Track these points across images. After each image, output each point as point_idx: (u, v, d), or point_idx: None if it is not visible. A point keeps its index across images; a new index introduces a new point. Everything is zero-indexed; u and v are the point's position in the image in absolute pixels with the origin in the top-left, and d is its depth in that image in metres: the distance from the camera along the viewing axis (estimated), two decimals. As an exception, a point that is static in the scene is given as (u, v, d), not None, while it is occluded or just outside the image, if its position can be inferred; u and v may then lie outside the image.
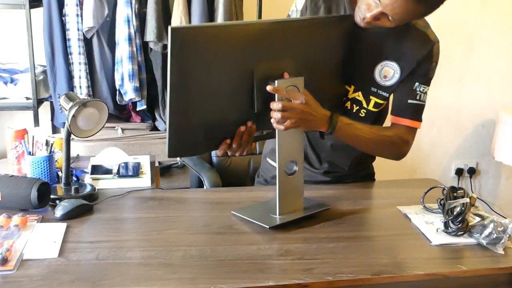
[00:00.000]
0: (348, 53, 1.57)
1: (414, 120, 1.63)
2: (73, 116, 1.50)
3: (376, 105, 1.65)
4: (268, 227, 1.39)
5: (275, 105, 1.36)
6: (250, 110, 1.39)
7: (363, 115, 1.66)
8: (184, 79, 1.28)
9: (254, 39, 1.36)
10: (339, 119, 1.48)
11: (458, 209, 1.38)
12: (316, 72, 1.50)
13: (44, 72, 2.63)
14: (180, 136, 1.35)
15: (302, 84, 1.38)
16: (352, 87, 1.65)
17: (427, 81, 1.62)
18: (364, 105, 1.65)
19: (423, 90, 1.61)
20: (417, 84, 1.60)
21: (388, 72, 1.61)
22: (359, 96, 1.65)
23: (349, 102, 1.66)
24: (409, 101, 1.61)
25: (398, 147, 1.66)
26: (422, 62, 1.59)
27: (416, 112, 1.63)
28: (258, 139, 1.51)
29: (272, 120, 1.37)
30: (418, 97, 1.61)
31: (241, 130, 1.40)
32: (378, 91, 1.63)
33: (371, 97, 1.64)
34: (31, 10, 2.45)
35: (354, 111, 1.66)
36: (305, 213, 1.45)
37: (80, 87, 2.52)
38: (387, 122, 1.72)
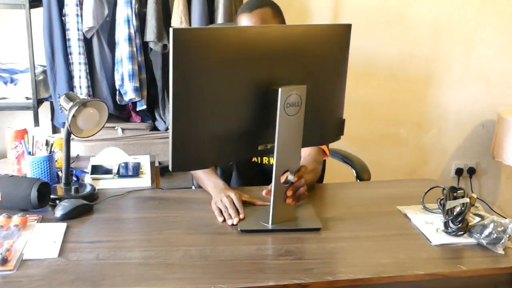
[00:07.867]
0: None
1: None
2: (73, 116, 1.50)
3: None
4: (240, 229, 1.40)
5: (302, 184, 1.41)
6: (253, 121, 1.37)
7: None
8: (186, 87, 1.23)
9: (255, 44, 1.34)
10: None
11: (458, 209, 1.38)
12: (320, 80, 1.47)
13: (44, 72, 2.62)
14: (185, 147, 1.29)
15: (304, 93, 1.34)
16: None
17: None
18: None
19: None
20: None
21: None
22: None
23: None
24: None
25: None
26: None
27: None
28: (263, 153, 1.53)
29: (290, 200, 1.41)
30: None
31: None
32: None
33: None
34: (31, 10, 2.45)
35: None
36: (295, 226, 1.42)
37: (80, 87, 2.51)
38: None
